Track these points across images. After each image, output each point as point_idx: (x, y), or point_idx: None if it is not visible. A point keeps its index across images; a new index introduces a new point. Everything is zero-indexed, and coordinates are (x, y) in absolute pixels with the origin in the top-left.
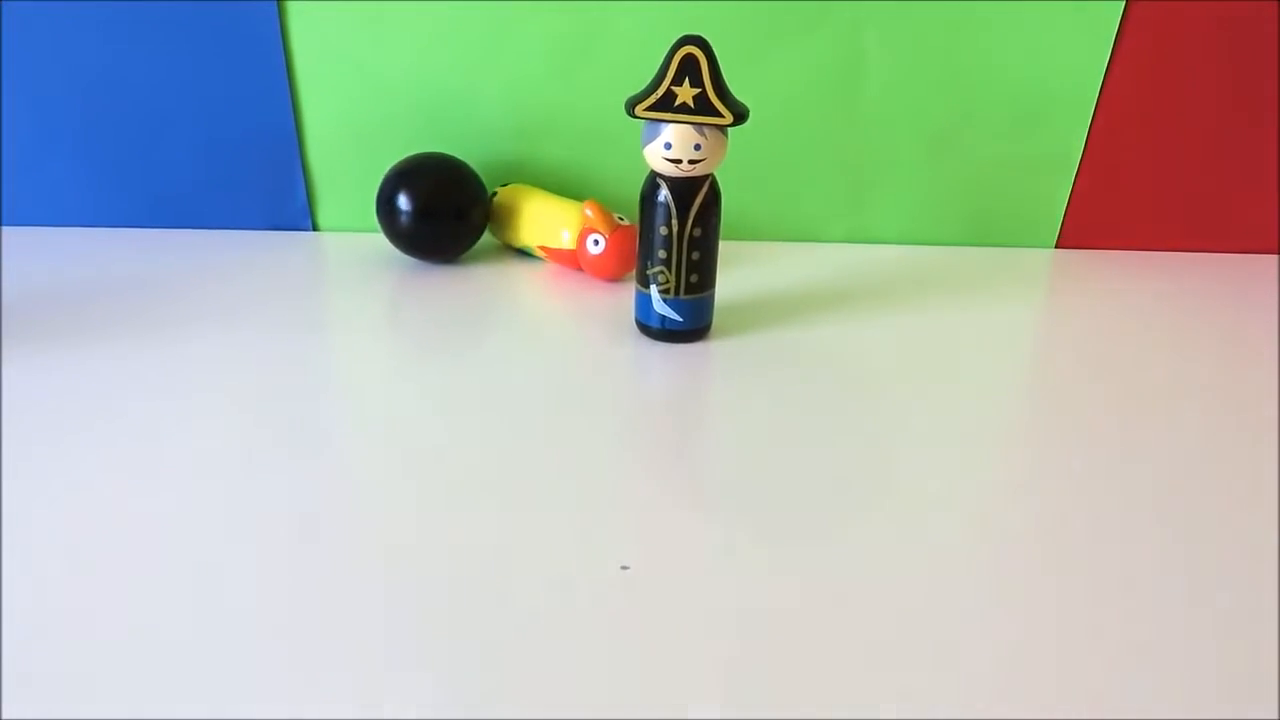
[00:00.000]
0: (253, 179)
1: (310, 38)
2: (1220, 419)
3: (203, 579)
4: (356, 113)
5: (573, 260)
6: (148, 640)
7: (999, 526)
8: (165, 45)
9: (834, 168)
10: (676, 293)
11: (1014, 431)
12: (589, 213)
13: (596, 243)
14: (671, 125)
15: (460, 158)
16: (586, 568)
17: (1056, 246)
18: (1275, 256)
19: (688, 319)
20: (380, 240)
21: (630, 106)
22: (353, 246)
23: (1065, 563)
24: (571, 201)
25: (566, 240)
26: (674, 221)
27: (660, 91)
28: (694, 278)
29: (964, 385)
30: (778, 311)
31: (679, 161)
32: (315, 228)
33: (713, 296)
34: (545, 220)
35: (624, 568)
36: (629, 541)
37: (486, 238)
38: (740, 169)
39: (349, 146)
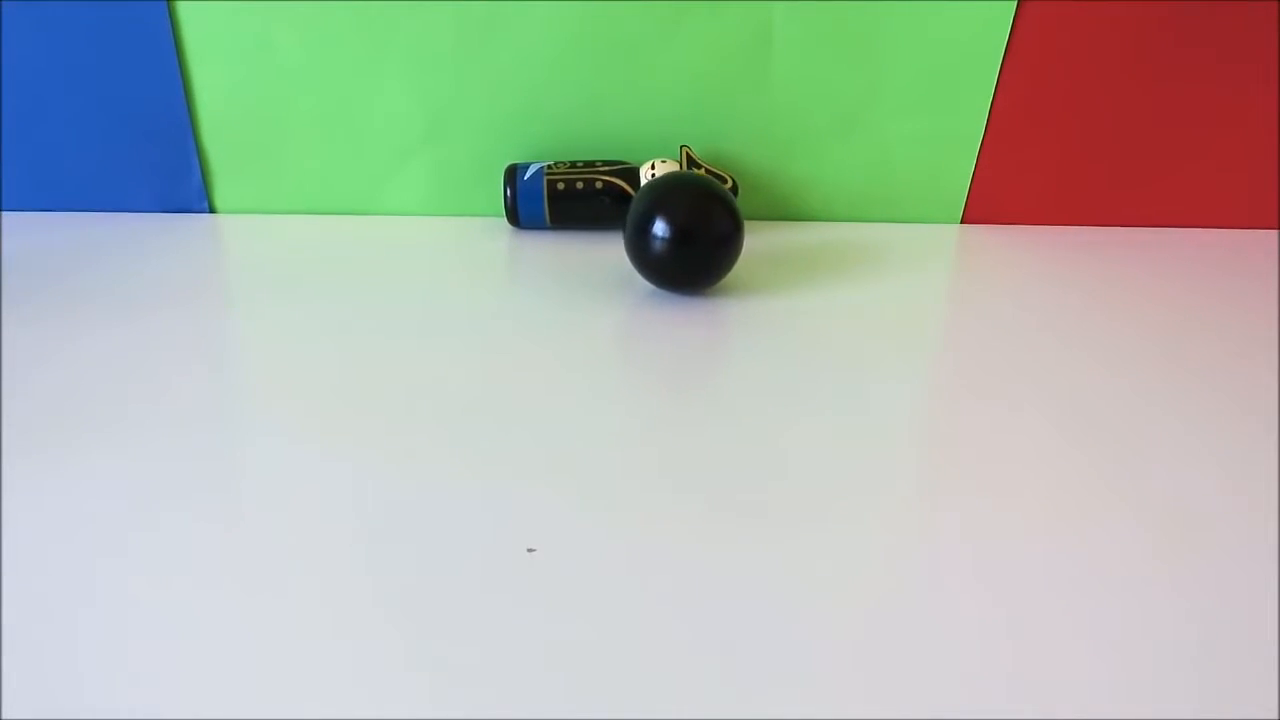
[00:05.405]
0: (145, 160)
1: (199, 14)
2: (1122, 381)
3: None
4: (251, 92)
5: None
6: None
7: (913, 482)
8: (50, 22)
9: (747, 146)
10: None
11: (924, 398)
12: None
13: None
14: None
15: (362, 137)
16: (489, 541)
17: (961, 222)
18: (1171, 229)
19: None
20: (278, 220)
21: None
22: (250, 228)
23: (981, 525)
24: None
25: None
26: None
27: None
28: None
29: (875, 353)
30: None
31: None
32: (212, 209)
33: None
34: None
35: (530, 550)
36: (523, 500)
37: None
38: (657, 152)
39: (245, 127)
